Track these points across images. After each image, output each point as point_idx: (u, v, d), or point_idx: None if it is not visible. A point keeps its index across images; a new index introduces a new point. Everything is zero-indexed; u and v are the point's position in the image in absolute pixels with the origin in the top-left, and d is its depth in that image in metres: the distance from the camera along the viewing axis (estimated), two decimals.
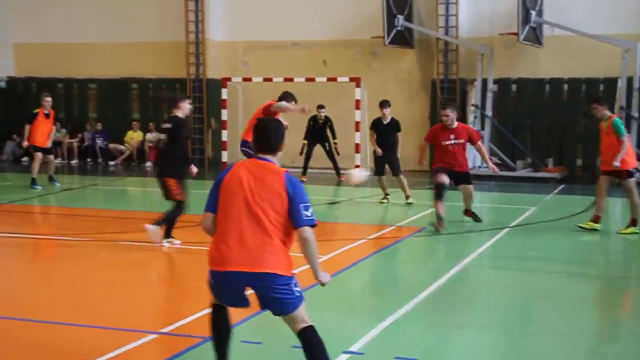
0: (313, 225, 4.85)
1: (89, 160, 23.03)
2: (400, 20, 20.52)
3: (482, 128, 19.91)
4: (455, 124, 11.62)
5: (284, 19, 22.20)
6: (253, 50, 22.55)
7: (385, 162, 14.48)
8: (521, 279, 8.57)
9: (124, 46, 23.06)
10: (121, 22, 23.13)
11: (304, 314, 4.99)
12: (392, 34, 20.44)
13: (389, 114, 14.54)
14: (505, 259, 9.84)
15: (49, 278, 8.49)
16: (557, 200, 15.34)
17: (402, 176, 14.33)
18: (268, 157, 4.95)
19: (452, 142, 11.46)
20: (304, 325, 5.00)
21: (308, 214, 4.84)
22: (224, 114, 20.66)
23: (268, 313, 5.08)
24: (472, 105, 20.07)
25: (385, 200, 14.42)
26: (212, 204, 4.94)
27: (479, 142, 11.97)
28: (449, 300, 7.49)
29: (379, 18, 20.24)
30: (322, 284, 5.15)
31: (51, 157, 16.61)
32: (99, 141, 23.09)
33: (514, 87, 20.72)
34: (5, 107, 23.80)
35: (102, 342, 5.96)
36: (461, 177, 11.63)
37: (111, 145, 23.04)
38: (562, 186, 17.53)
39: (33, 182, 15.77)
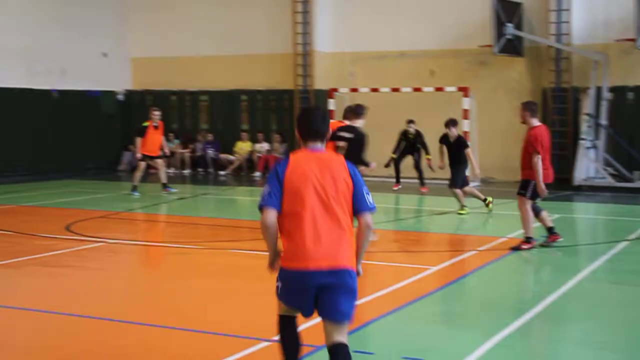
0: (373, 212, 4.76)
1: (200, 170, 23.66)
2: (509, 28, 20.12)
3: (597, 137, 19.26)
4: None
5: (391, 30, 22.18)
6: (360, 60, 22.64)
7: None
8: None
9: (234, 59, 23.62)
10: (232, 36, 23.70)
11: (346, 333, 4.76)
12: (501, 43, 20.07)
13: (454, 132, 14.50)
14: (624, 273, 9.46)
15: (160, 285, 8.76)
16: None
17: (457, 189, 14.05)
18: (319, 145, 4.85)
19: None
20: (345, 340, 4.78)
21: (370, 199, 4.77)
22: None
23: (380, 324, 5.05)
24: (585, 114, 19.43)
25: (463, 212, 14.09)
26: (276, 200, 4.68)
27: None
28: (562, 316, 7.26)
29: (487, 26, 19.93)
30: (359, 273, 4.84)
31: (160, 161, 17.28)
32: (210, 151, 23.69)
33: (630, 95, 19.92)
34: (123, 119, 24.80)
35: (216, 348, 6.10)
36: None
37: (222, 156, 23.60)
38: None
39: (133, 189, 16.68)
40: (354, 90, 21.32)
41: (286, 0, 22.75)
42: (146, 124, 16.98)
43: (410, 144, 18.32)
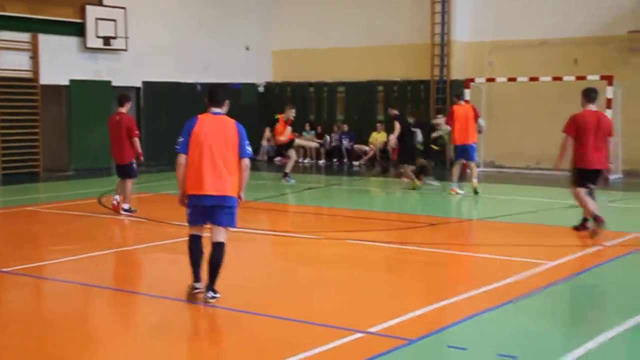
0: (252, 157, 7.10)
1: (335, 160, 23.92)
2: None
3: None
4: None
5: (533, 17, 21.44)
6: (499, 49, 22.04)
7: None
8: None
9: (371, 50, 23.67)
10: (369, 27, 23.77)
11: (227, 236, 7.19)
12: None
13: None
14: None
15: (274, 272, 8.96)
16: None
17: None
18: (219, 110, 7.16)
19: None
20: (223, 240, 7.15)
21: (249, 149, 7.10)
22: None
23: (476, 321, 4.92)
24: None
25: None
26: (186, 148, 7.03)
27: None
28: None
29: (638, 11, 18.84)
30: (241, 198, 7.19)
31: (291, 152, 17.94)
32: (345, 142, 23.89)
33: None
34: (263, 110, 25.47)
35: (308, 337, 6.18)
36: None
37: (356, 146, 23.74)
38: None
39: (285, 175, 17.67)
40: (491, 80, 20.79)
41: None
42: (277, 117, 17.88)
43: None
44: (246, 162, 7.08)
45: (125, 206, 12.76)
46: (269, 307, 7.12)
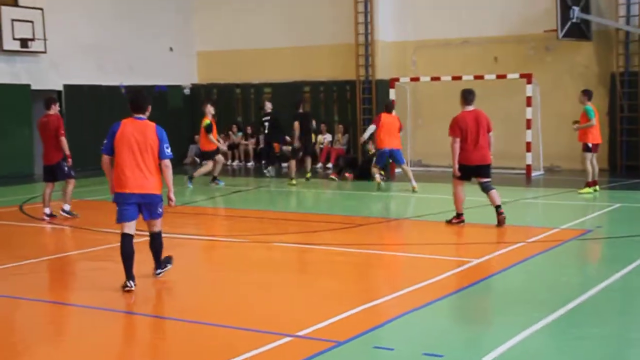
0: (171, 158, 7.87)
1: (263, 162, 23.81)
2: (575, 12, 19.53)
3: None
4: None
5: (454, 17, 21.81)
6: (422, 49, 22.35)
7: None
8: None
9: (297, 50, 23.68)
10: (294, 27, 23.76)
11: (160, 225, 8.04)
12: (566, 27, 19.49)
13: None
14: None
15: (202, 278, 8.89)
16: None
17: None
18: (141, 115, 7.86)
19: None
20: (157, 230, 8.05)
21: (168, 151, 7.80)
22: None
23: (402, 321, 4.97)
24: None
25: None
26: (110, 149, 7.74)
27: None
28: (597, 312, 6.99)
29: (552, 11, 19.39)
30: (170, 200, 8.08)
31: (219, 157, 18.00)
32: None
33: None
34: (189, 112, 25.24)
35: (237, 343, 6.14)
36: None
37: (284, 148, 23.69)
38: None
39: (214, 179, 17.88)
40: (415, 79, 21.08)
41: None
42: (209, 121, 17.68)
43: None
44: (166, 162, 7.87)
45: (66, 207, 12.70)
46: (197, 313, 7.05)
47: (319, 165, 22.45)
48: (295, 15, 23.78)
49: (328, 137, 23.05)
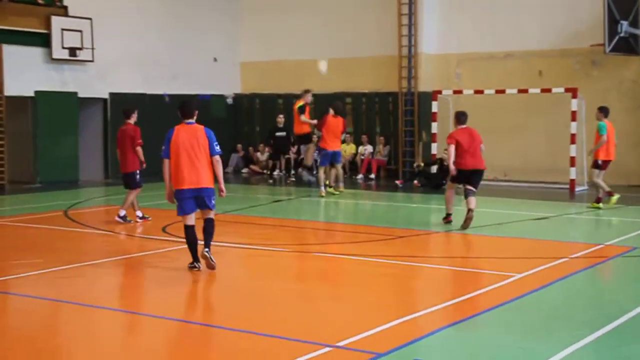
0: (220, 154, 8.93)
1: (299, 169, 23.88)
2: (624, 26, 19.26)
3: None
4: None
5: (498, 29, 21.68)
6: (466, 62, 22.25)
7: None
8: None
9: (340, 62, 23.74)
10: (338, 39, 23.82)
11: (213, 214, 9.10)
12: (614, 41, 19.23)
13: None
14: None
15: (242, 287, 8.93)
16: None
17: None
18: (191, 120, 8.97)
19: None
20: (211, 216, 9.08)
21: (217, 148, 8.87)
22: (434, 127, 20.65)
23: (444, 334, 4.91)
24: None
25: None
26: (168, 153, 8.88)
27: None
28: None
29: (599, 25, 19.15)
30: (221, 191, 9.12)
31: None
32: (315, 153, 23.84)
33: None
34: (233, 122, 25.46)
35: (277, 351, 6.16)
36: None
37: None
38: None
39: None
40: (458, 92, 20.98)
41: (392, 3, 22.63)
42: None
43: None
44: (216, 158, 8.89)
45: (122, 213, 13.15)
46: (237, 321, 7.09)
47: (360, 176, 22.44)
48: (338, 26, 23.85)
49: (369, 148, 23.03)
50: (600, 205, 15.09)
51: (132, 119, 13.23)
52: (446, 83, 22.05)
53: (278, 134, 21.86)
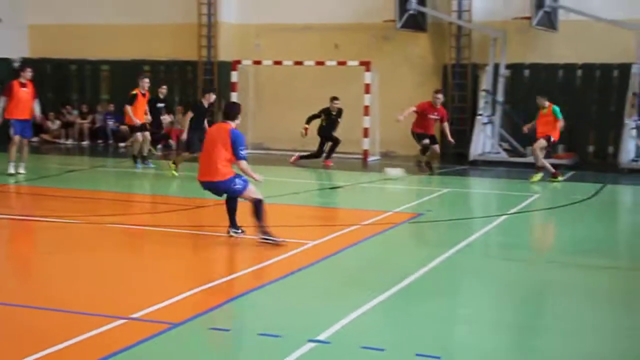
0: (245, 159, 9.08)
1: (99, 141, 23.08)
2: (412, 3, 20.25)
3: (493, 113, 19.68)
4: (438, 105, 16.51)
5: (297, 2, 22.02)
6: (265, 32, 22.39)
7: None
8: (508, 268, 8.42)
9: (137, 28, 23.01)
10: (135, 4, 23.08)
11: (251, 193, 9.08)
12: (404, 18, 20.17)
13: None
14: (496, 247, 9.70)
15: (33, 260, 8.50)
16: (563, 187, 15.08)
17: None
18: (227, 121, 9.21)
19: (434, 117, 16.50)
20: (255, 197, 9.06)
21: (242, 152, 9.02)
22: (234, 97, 20.64)
23: (238, 302, 4.96)
24: (483, 90, 19.80)
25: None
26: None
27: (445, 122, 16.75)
28: (427, 290, 7.35)
29: (392, 1, 20.00)
30: (256, 180, 9.13)
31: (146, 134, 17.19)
32: (110, 122, 23.13)
33: (526, 72, 20.42)
34: None
35: (68, 326, 5.93)
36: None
37: (122, 127, 23.03)
38: (572, 173, 17.23)
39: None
40: (258, 62, 21.11)
41: None
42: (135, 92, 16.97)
43: (331, 121, 18.28)
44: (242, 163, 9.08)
45: None
46: (24, 297, 6.74)
47: (159, 146, 21.98)
48: None
49: (168, 118, 22.55)
50: (559, 178, 15.42)
51: None
52: (245, 53, 22.07)
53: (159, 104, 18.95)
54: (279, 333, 5.82)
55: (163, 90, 18.49)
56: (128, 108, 16.74)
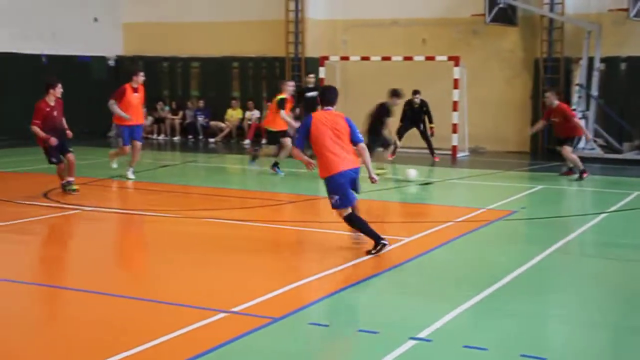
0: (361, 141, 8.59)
1: (190, 137, 23.57)
2: None
3: (587, 108, 19.10)
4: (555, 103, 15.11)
5: None
6: (352, 28, 22.39)
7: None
8: (610, 268, 8.17)
9: (226, 25, 23.38)
10: (224, 1, 23.46)
11: None
12: (493, 12, 19.83)
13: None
14: (597, 246, 9.43)
15: (132, 253, 8.73)
16: None
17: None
18: (330, 108, 8.65)
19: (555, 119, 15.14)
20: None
21: (359, 135, 8.59)
22: None
23: (336, 298, 4.98)
24: (577, 84, 19.26)
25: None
26: (301, 142, 8.61)
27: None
28: (525, 289, 7.20)
29: None
30: (373, 181, 8.71)
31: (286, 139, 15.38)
32: (200, 118, 23.58)
33: (623, 65, 19.76)
34: (114, 84, 24.55)
35: (171, 319, 6.06)
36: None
37: (212, 123, 23.49)
38: None
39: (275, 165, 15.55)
40: (345, 58, 21.13)
41: None
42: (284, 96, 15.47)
43: (415, 114, 18.24)
44: (362, 145, 8.61)
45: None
46: (127, 289, 6.93)
47: (247, 141, 22.29)
48: None
49: (256, 113, 22.89)
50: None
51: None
52: (332, 49, 22.13)
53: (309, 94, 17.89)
54: (379, 330, 5.81)
55: (310, 79, 18.02)
56: (282, 113, 15.15)
